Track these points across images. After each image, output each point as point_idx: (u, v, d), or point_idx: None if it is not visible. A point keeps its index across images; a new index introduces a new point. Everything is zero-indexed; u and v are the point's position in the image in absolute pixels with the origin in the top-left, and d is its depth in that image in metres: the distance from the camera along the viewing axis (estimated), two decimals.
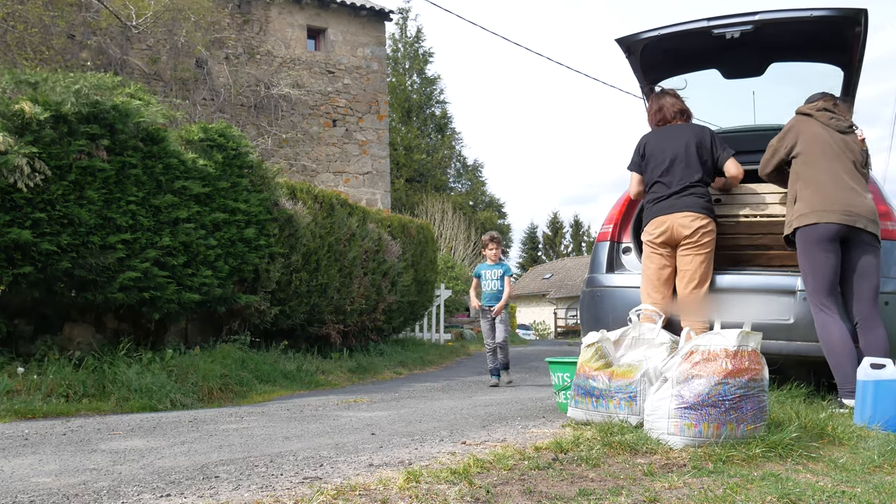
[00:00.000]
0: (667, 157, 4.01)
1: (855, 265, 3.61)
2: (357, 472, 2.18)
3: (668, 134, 4.12)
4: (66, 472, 2.33)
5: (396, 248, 9.40)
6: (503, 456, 2.31)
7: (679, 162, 3.98)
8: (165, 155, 5.40)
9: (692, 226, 3.85)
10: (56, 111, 4.69)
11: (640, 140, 4.22)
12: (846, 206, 3.60)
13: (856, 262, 3.60)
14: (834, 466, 2.27)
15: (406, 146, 27.80)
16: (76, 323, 5.32)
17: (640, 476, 2.12)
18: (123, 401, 4.51)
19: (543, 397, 4.71)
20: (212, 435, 3.13)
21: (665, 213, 3.92)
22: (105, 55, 11.29)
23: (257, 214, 6.26)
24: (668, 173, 3.98)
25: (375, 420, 3.61)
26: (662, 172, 3.99)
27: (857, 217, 3.58)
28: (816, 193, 3.68)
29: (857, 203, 3.62)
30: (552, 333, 39.24)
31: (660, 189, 3.98)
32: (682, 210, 3.90)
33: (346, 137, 14.32)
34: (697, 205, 3.92)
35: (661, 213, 3.94)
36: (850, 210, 3.59)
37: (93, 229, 4.86)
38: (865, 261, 3.59)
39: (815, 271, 3.63)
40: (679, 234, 3.88)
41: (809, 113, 3.88)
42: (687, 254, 3.89)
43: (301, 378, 6.33)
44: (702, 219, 3.89)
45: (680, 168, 3.97)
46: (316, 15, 14.22)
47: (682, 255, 3.91)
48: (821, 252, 3.61)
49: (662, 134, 4.16)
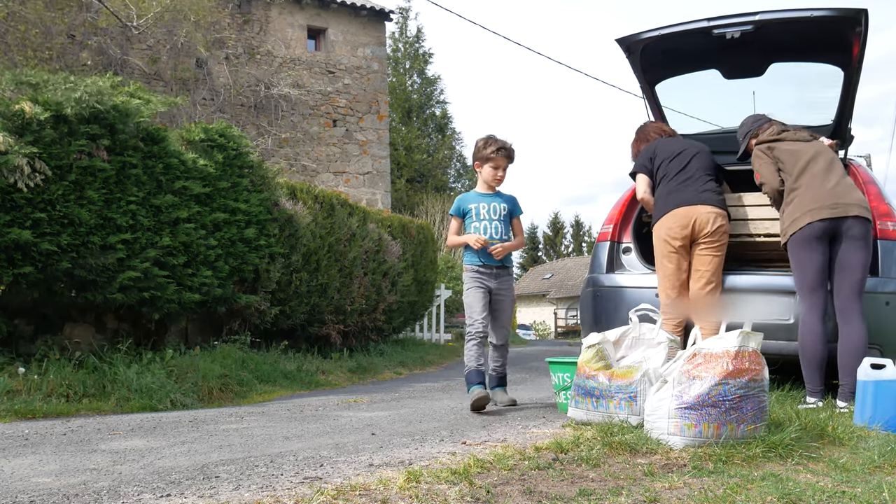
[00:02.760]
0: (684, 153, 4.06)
1: (839, 260, 3.64)
2: (357, 472, 2.17)
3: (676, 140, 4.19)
4: (67, 472, 2.33)
5: (397, 249, 9.40)
6: (503, 456, 2.31)
7: (697, 158, 4.05)
8: (166, 155, 5.40)
9: (716, 223, 3.88)
10: (56, 111, 4.68)
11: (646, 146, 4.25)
12: (834, 200, 3.64)
13: (841, 257, 3.63)
14: (834, 466, 2.27)
15: (406, 146, 27.77)
16: (76, 323, 5.32)
17: (641, 476, 2.12)
18: (123, 401, 4.51)
19: (543, 397, 4.70)
20: (212, 435, 3.13)
21: (689, 205, 3.92)
22: (105, 55, 11.29)
23: (257, 214, 6.26)
24: (686, 168, 4.01)
25: (376, 420, 3.60)
26: (680, 166, 4.02)
27: (847, 206, 3.62)
28: (805, 196, 3.73)
29: (845, 194, 3.67)
30: (552, 333, 39.27)
31: (678, 180, 3.99)
32: (706, 203, 3.91)
33: (347, 137, 14.33)
34: (719, 201, 3.95)
35: (684, 204, 3.93)
36: (837, 203, 3.63)
37: (93, 229, 4.86)
38: (850, 256, 3.62)
39: (798, 269, 3.68)
40: (702, 229, 3.88)
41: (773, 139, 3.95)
42: (706, 254, 3.90)
43: (301, 378, 6.32)
44: (723, 217, 3.92)
45: (698, 163, 4.02)
46: (316, 15, 14.22)
47: (701, 255, 3.91)
48: (805, 251, 3.65)
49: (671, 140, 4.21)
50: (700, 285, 3.89)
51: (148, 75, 11.99)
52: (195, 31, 11.80)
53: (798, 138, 3.94)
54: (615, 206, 4.53)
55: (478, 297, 3.85)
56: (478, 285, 3.86)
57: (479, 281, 3.87)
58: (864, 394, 3.10)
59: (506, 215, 3.97)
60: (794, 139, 3.94)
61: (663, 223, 3.97)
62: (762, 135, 4.03)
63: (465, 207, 3.98)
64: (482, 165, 3.95)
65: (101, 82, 5.03)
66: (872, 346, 3.61)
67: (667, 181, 4.04)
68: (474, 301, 3.84)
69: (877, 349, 3.65)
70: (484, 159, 3.92)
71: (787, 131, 4.00)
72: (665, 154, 4.11)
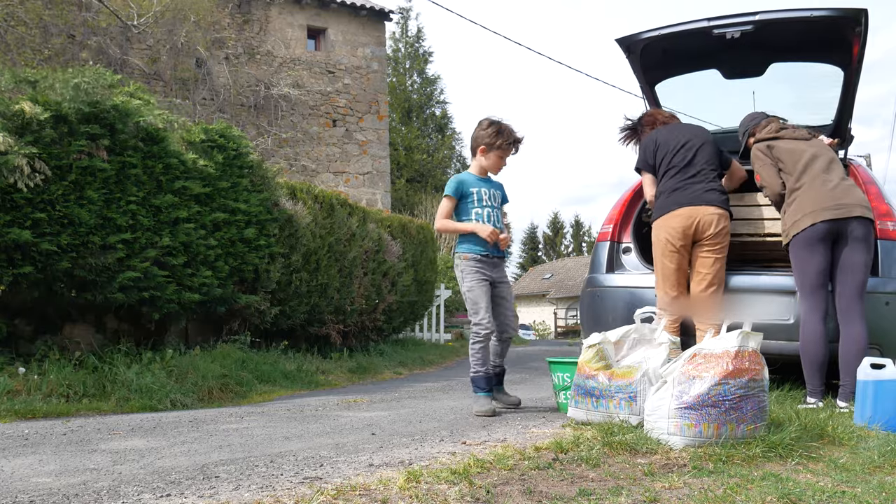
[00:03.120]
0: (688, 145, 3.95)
1: (842, 261, 3.63)
2: (357, 472, 2.17)
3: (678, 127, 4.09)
4: (67, 472, 2.33)
5: (396, 248, 9.39)
6: (503, 456, 2.31)
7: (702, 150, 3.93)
8: (166, 155, 5.39)
9: (719, 225, 3.82)
10: (56, 111, 4.68)
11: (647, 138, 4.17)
12: (836, 201, 3.64)
13: (843, 258, 3.63)
14: (834, 466, 2.27)
15: (406, 146, 27.75)
16: (76, 323, 5.31)
17: (641, 476, 2.12)
18: (123, 401, 4.50)
19: (543, 397, 4.70)
20: (212, 435, 3.12)
21: (693, 205, 3.84)
22: (105, 55, 11.29)
23: (257, 214, 6.25)
24: (691, 163, 3.91)
25: (375, 420, 3.60)
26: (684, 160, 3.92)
27: (850, 207, 3.62)
28: (806, 197, 3.71)
29: (846, 194, 3.67)
30: (552, 334, 39.26)
31: (682, 176, 3.91)
32: (709, 204, 3.84)
33: (347, 137, 14.32)
34: (723, 201, 3.89)
35: (687, 204, 3.85)
36: (840, 204, 3.63)
37: (93, 229, 4.85)
38: (853, 257, 3.61)
39: (800, 270, 3.67)
40: (704, 231, 3.82)
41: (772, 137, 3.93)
42: (708, 256, 3.84)
43: (301, 378, 6.30)
44: (726, 218, 3.86)
45: (703, 156, 3.92)
46: (316, 15, 14.22)
47: (703, 257, 3.85)
48: (807, 252, 3.64)
49: (672, 128, 4.10)
50: (702, 287, 3.85)
51: (148, 75, 11.98)
52: (195, 30, 11.80)
53: (797, 136, 3.92)
54: (615, 205, 4.52)
55: (483, 290, 3.62)
56: (481, 276, 3.64)
57: (481, 272, 3.65)
58: (864, 394, 3.11)
59: (501, 202, 3.85)
60: (793, 137, 3.92)
61: (665, 222, 3.92)
62: (760, 132, 4.01)
63: (465, 190, 3.72)
64: (488, 151, 3.73)
65: (101, 71, 5.03)
66: (872, 346, 3.61)
67: (670, 177, 3.96)
68: (480, 296, 3.60)
69: (877, 349, 3.65)
70: (493, 146, 3.72)
71: (785, 129, 3.98)
72: (668, 146, 4.01)
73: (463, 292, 3.71)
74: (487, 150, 3.75)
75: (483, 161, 3.78)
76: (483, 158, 3.77)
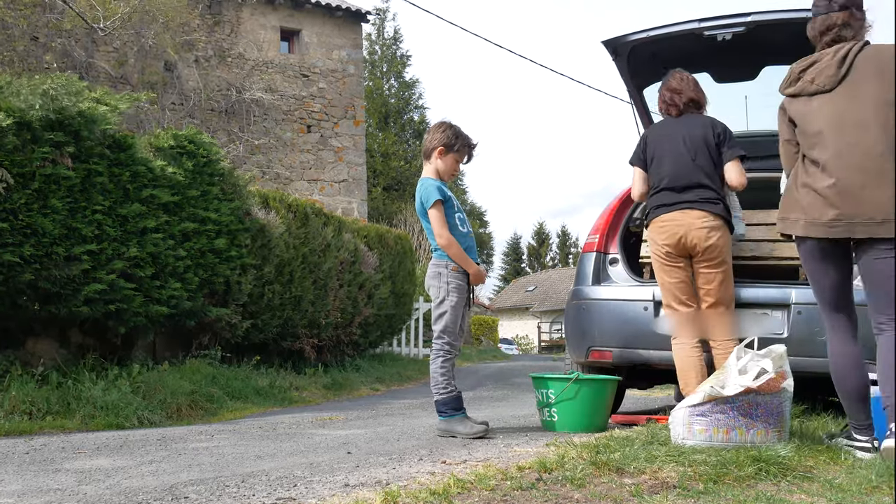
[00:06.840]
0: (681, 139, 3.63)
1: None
2: (332, 493, 2.12)
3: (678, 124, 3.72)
4: (29, 492, 2.25)
5: (373, 260, 9.29)
6: (485, 476, 2.25)
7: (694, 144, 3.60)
8: (133, 162, 5.27)
9: (709, 239, 3.49)
10: (20, 118, 4.55)
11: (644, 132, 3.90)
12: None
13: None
14: (829, 487, 2.21)
15: (383, 153, 27.47)
16: (39, 337, 5.16)
17: (627, 497, 2.06)
18: (89, 418, 4.39)
19: (527, 414, 4.65)
20: (181, 454, 3.06)
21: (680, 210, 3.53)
22: (70, 58, 11.05)
23: (228, 224, 6.14)
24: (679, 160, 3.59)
25: (351, 438, 3.54)
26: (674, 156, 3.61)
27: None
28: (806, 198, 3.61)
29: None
30: (536, 348, 38.53)
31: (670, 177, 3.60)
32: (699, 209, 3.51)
33: (321, 144, 14.17)
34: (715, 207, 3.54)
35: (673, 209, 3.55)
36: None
37: (57, 240, 4.72)
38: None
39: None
40: (693, 246, 3.52)
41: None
42: (706, 271, 3.55)
43: (274, 394, 6.22)
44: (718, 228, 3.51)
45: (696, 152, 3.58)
46: (289, 16, 14.03)
47: (702, 273, 3.56)
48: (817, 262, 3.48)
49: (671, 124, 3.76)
50: (706, 304, 3.59)
51: (114, 79, 11.74)
52: (164, 32, 11.58)
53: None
54: (601, 214, 4.38)
55: (461, 311, 3.59)
56: (463, 296, 3.59)
57: (464, 291, 3.61)
58: None
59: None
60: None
61: (652, 233, 3.67)
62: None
63: (446, 193, 3.61)
64: (446, 153, 3.65)
65: (71, 78, 4.90)
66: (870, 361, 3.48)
67: (658, 176, 3.67)
68: (458, 316, 3.57)
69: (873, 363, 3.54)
70: (452, 148, 3.65)
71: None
72: (658, 140, 3.72)
73: (444, 306, 3.57)
74: (446, 151, 3.66)
75: (440, 164, 3.67)
76: (440, 161, 3.67)
